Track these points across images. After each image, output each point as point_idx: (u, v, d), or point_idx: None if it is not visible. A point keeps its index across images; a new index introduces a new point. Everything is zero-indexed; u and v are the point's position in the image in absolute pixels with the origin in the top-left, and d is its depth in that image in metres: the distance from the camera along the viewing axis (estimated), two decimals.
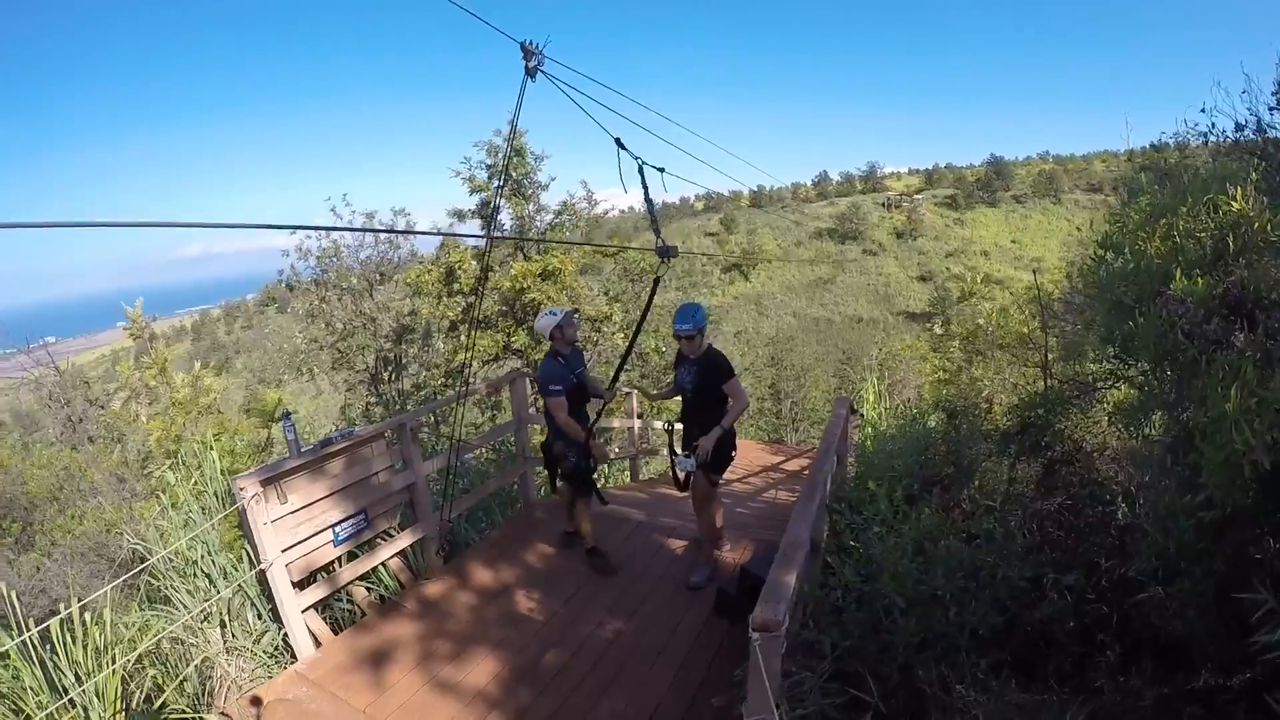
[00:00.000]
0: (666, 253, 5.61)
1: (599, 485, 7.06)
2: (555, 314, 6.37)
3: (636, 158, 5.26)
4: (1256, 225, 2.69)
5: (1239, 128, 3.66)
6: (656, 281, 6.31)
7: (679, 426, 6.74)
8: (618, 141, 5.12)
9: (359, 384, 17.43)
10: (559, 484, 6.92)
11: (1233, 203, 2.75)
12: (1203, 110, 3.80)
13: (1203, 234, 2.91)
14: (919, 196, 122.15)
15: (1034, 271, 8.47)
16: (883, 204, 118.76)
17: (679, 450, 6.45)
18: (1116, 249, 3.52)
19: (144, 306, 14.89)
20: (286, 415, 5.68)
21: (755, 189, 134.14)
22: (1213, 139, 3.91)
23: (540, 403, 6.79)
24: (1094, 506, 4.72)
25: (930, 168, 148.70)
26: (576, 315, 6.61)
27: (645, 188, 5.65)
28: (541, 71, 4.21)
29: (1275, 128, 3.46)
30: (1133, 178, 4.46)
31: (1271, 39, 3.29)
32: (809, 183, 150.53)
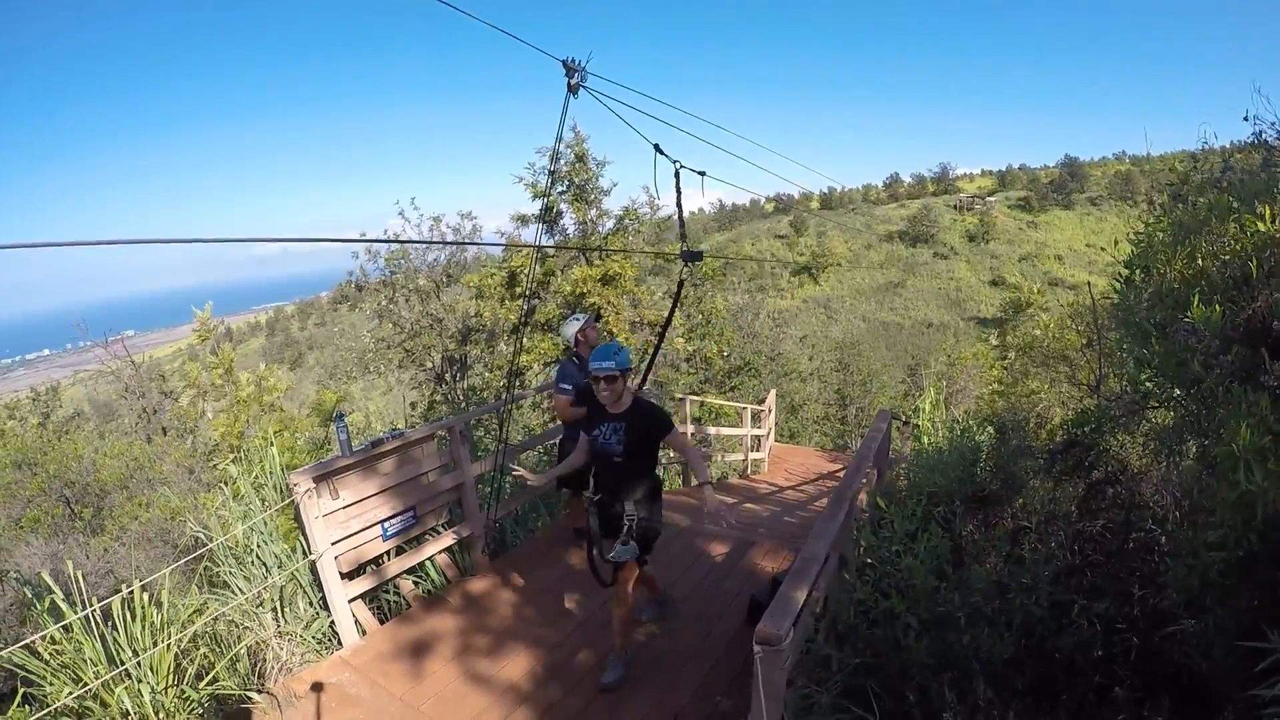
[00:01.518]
0: (691, 257, 5.65)
1: None
2: (578, 319, 6.67)
3: (675, 161, 5.31)
4: None
5: None
6: (681, 285, 6.36)
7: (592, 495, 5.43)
8: (656, 147, 5.17)
9: (426, 382, 17.73)
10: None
11: (1259, 223, 2.63)
12: (1245, 119, 3.68)
13: (1227, 256, 2.80)
14: (991, 198, 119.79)
15: (1087, 284, 8.28)
16: (954, 206, 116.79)
17: (605, 530, 5.09)
18: (1142, 271, 3.42)
19: (220, 302, 15.40)
20: (340, 416, 5.85)
21: (825, 191, 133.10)
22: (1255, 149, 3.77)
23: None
24: (1134, 531, 4.61)
25: (1003, 169, 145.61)
26: (599, 320, 6.68)
27: (679, 192, 5.70)
28: (584, 87, 4.29)
29: None
30: (1165, 190, 4.32)
31: None
32: (880, 184, 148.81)
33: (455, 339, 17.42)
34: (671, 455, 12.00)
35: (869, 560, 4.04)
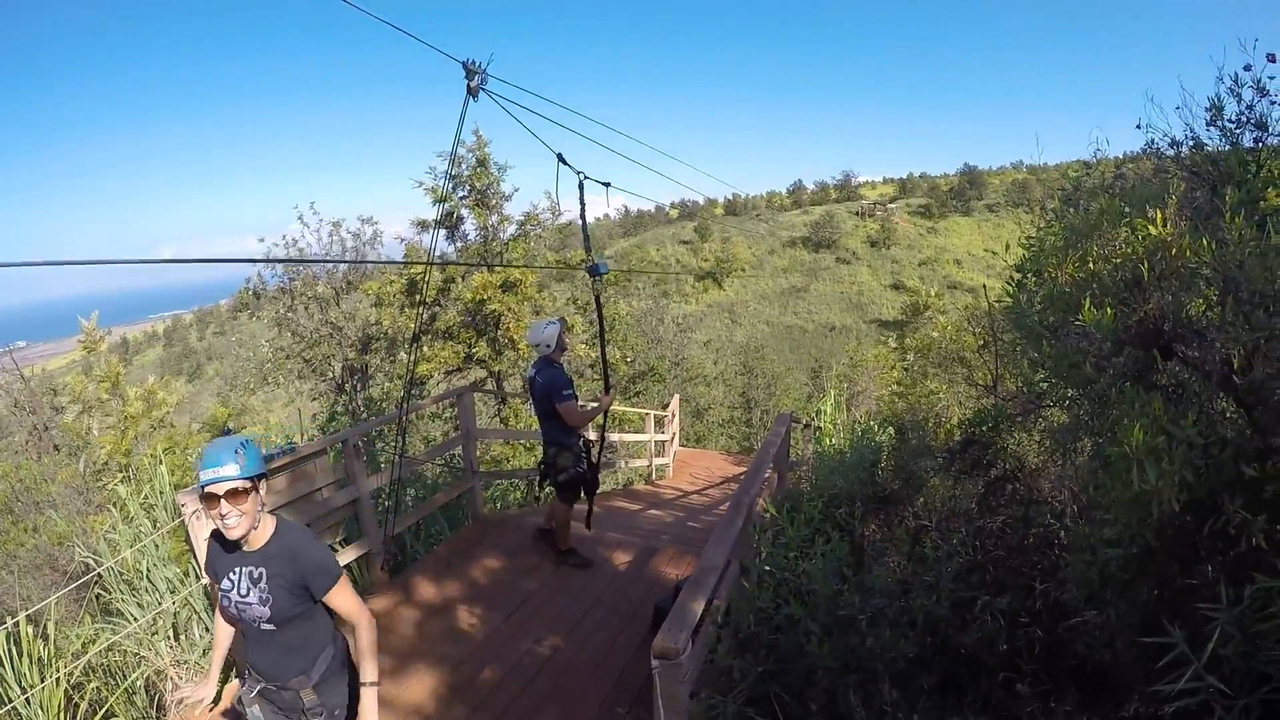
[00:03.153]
0: (595, 270, 5.62)
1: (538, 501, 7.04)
2: (555, 323, 6.44)
3: (579, 172, 5.27)
4: (1175, 251, 2.62)
5: (1175, 144, 3.63)
6: (598, 299, 6.34)
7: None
8: (559, 157, 5.12)
9: (326, 393, 17.40)
10: (546, 491, 7.10)
11: (1151, 227, 2.68)
12: (1137, 127, 3.77)
13: (1119, 260, 2.85)
14: (893, 205, 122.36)
15: (983, 287, 8.46)
16: (857, 212, 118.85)
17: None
18: (1034, 274, 3.48)
19: (117, 311, 14.90)
20: (227, 432, 5.61)
21: (730, 197, 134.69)
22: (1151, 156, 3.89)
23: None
24: (1033, 527, 4.69)
25: (904, 176, 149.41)
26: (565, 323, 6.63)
27: (582, 204, 5.68)
28: (484, 90, 4.18)
29: (1211, 144, 3.43)
30: (1058, 195, 4.43)
31: (1214, 49, 3.26)
32: (784, 191, 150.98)
33: (355, 348, 17.11)
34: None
35: (768, 567, 4.02)
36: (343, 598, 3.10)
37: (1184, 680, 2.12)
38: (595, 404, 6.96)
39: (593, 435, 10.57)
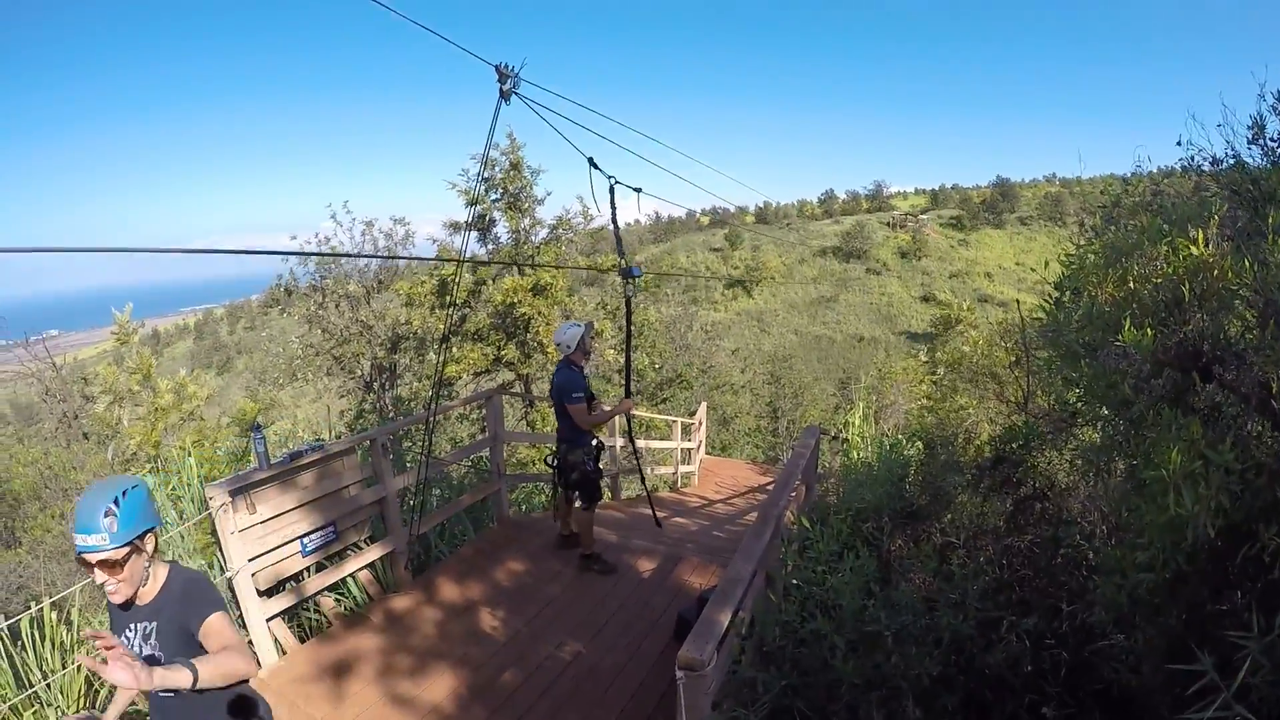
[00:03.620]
0: (629, 273, 5.62)
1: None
2: (579, 325, 6.53)
3: (610, 177, 5.28)
4: (1216, 273, 2.58)
5: (1216, 162, 3.58)
6: (629, 302, 6.34)
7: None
8: (590, 161, 5.14)
9: (354, 390, 17.50)
10: (561, 492, 7.07)
11: (1192, 247, 2.65)
12: (1178, 143, 3.73)
13: (1159, 280, 2.81)
14: (924, 216, 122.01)
15: (1016, 302, 8.38)
16: (888, 223, 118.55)
17: None
18: (1072, 292, 3.44)
19: (149, 303, 15.01)
20: (257, 428, 5.65)
21: (761, 205, 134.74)
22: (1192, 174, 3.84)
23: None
24: (1062, 547, 4.64)
25: (936, 188, 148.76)
26: (594, 327, 6.67)
27: (614, 208, 5.69)
28: (516, 94, 4.20)
29: (1252, 162, 3.38)
30: (1098, 212, 4.37)
31: (1256, 66, 3.22)
32: (815, 200, 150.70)
33: (385, 347, 17.19)
34: (602, 465, 11.95)
35: (794, 580, 4.00)
36: (220, 628, 2.65)
37: (1213, 709, 2.08)
38: (608, 408, 6.97)
39: (620, 441, 10.60)
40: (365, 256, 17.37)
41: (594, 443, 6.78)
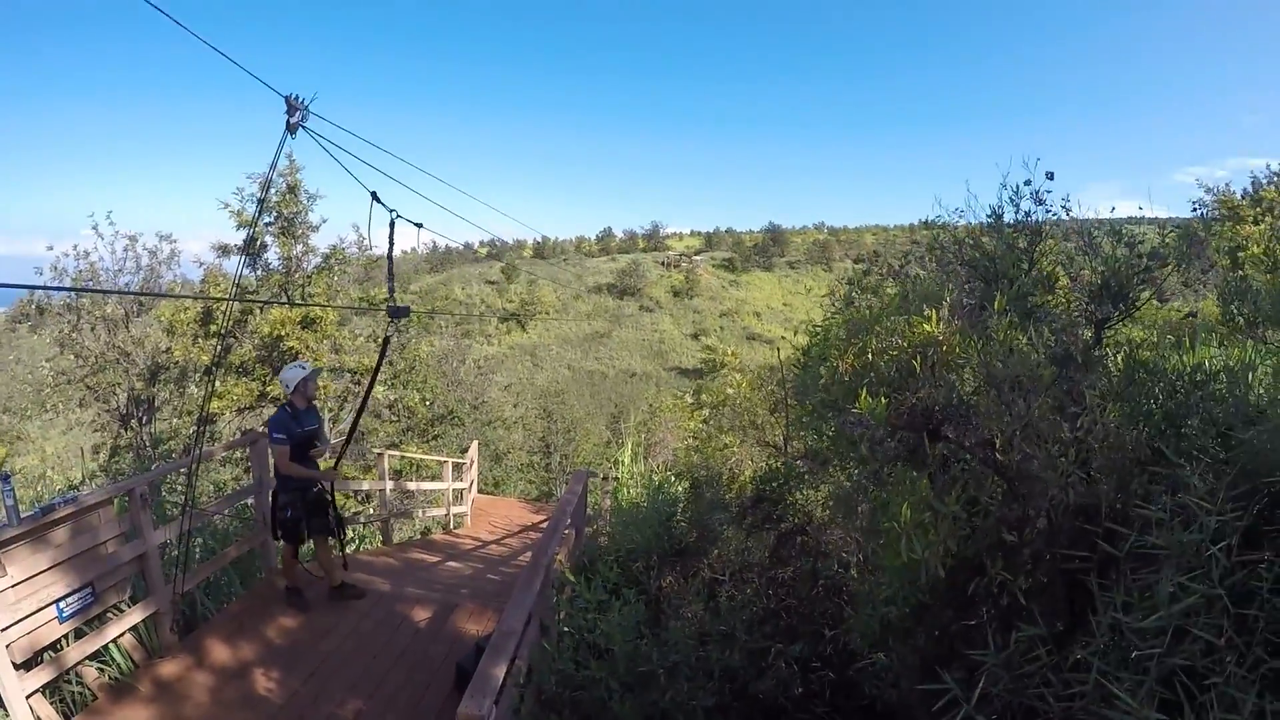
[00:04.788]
0: (398, 313, 5.62)
1: (346, 549, 6.89)
2: (304, 368, 6.56)
3: (391, 210, 5.27)
4: (945, 347, 2.94)
5: (958, 243, 4.02)
6: (386, 341, 6.35)
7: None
8: (374, 195, 5.11)
9: (109, 424, 16.30)
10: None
11: (925, 325, 3.00)
12: (925, 227, 4.16)
13: (895, 353, 3.16)
14: (698, 257, 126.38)
15: (777, 350, 8.88)
16: (663, 263, 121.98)
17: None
18: (816, 360, 3.77)
19: None
20: (5, 478, 5.12)
21: (539, 240, 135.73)
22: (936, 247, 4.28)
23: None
24: (820, 579, 4.97)
25: (711, 230, 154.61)
26: (320, 374, 6.56)
27: (391, 243, 5.68)
28: (304, 128, 4.13)
29: (989, 244, 3.82)
30: (847, 285, 4.79)
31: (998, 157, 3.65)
32: (593, 238, 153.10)
33: (143, 377, 16.11)
34: (372, 510, 11.71)
35: (566, 628, 4.10)
36: None
37: (959, 718, 2.35)
38: (329, 456, 6.97)
39: (390, 484, 10.42)
40: (128, 294, 16.18)
41: (310, 489, 6.79)
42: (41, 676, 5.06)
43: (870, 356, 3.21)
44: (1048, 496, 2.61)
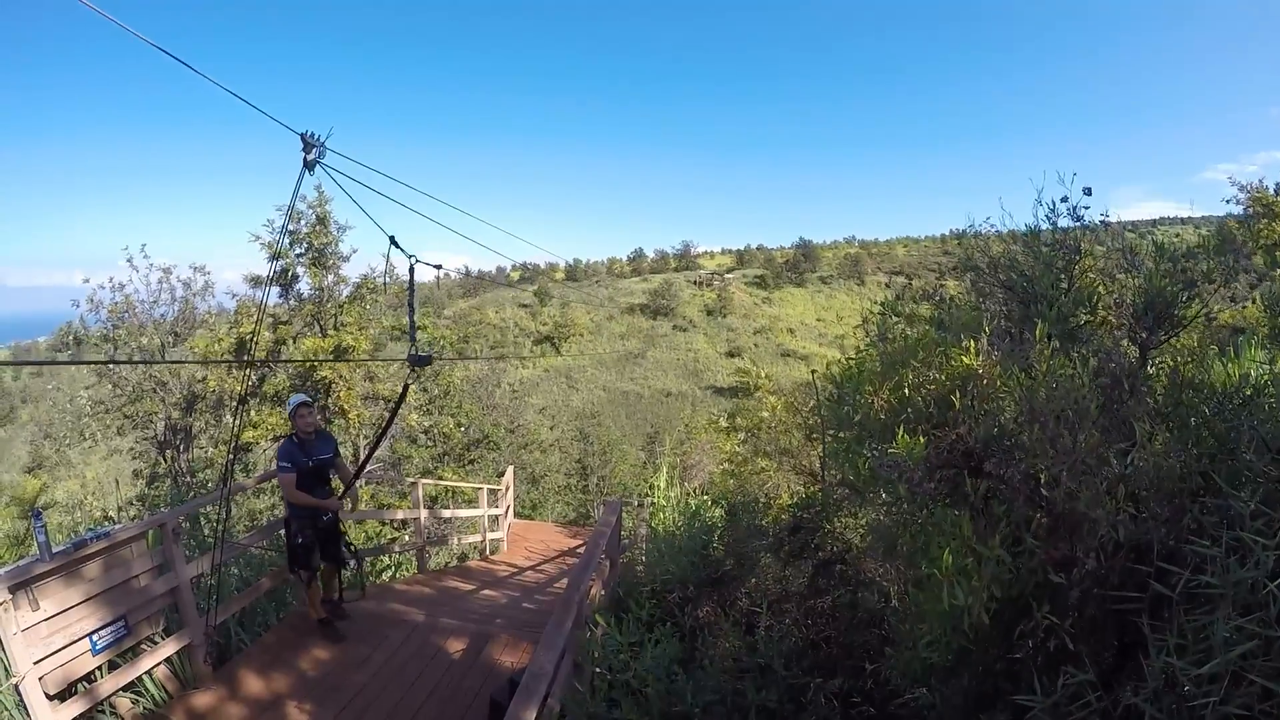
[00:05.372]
0: (419, 362, 5.57)
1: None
2: (291, 402, 6.78)
3: (410, 256, 5.22)
4: (985, 381, 2.81)
5: (992, 264, 3.91)
6: (405, 389, 6.34)
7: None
8: (392, 240, 5.06)
9: (148, 451, 16.47)
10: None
11: (964, 357, 2.87)
12: (958, 241, 4.06)
13: (933, 387, 3.04)
14: (730, 275, 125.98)
15: (813, 373, 8.76)
16: (695, 282, 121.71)
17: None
18: (849, 396, 3.65)
19: None
20: (37, 514, 5.15)
21: (571, 262, 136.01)
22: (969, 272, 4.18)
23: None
24: (860, 611, 4.85)
25: (742, 248, 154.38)
26: (310, 407, 6.75)
27: (411, 289, 5.63)
28: (321, 165, 4.10)
29: (1024, 264, 3.70)
30: (880, 314, 4.64)
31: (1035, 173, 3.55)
32: (624, 258, 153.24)
33: (179, 406, 16.26)
34: (407, 538, 11.68)
35: (598, 669, 4.02)
36: None
37: None
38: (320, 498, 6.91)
39: (424, 513, 10.38)
40: (145, 363, 16.29)
41: (322, 517, 6.84)
42: (75, 708, 5.07)
43: (906, 391, 3.09)
44: (1096, 535, 2.49)
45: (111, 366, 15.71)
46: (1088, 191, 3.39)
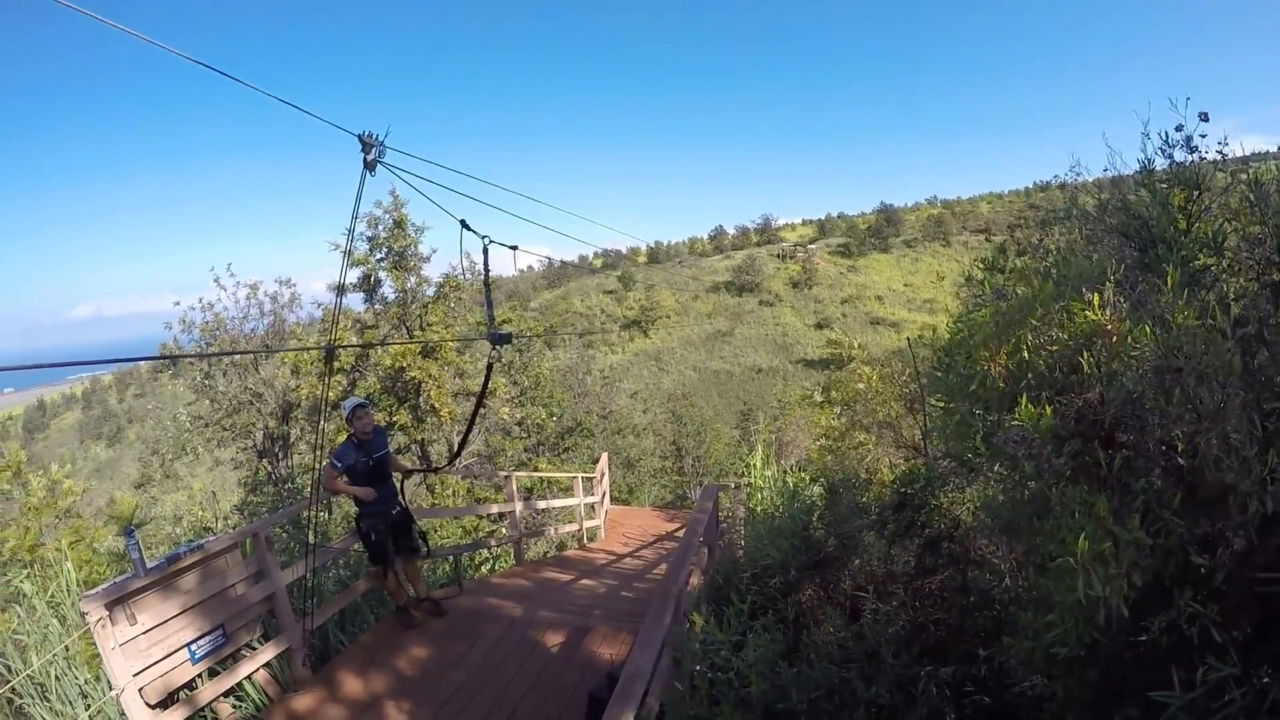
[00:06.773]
0: (498, 340, 5.50)
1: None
2: (346, 407, 6.90)
3: (483, 237, 5.13)
4: (1115, 339, 2.49)
5: (1102, 207, 3.56)
6: (490, 368, 6.29)
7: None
8: (463, 223, 4.98)
9: (249, 461, 16.93)
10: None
11: (1088, 312, 2.55)
12: (1060, 188, 3.73)
13: (1056, 349, 2.72)
14: (813, 246, 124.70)
15: (908, 341, 8.43)
16: (777, 255, 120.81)
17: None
18: (960, 361, 3.33)
19: (33, 373, 14.27)
20: (130, 531, 5.20)
21: (652, 245, 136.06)
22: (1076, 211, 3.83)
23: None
24: (971, 595, 4.59)
25: (823, 217, 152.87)
26: (366, 408, 6.90)
27: (486, 270, 5.54)
28: (381, 164, 4.00)
29: (1136, 204, 3.34)
30: (985, 271, 4.27)
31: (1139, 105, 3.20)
32: (705, 237, 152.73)
33: (275, 416, 16.60)
34: (504, 532, 11.66)
35: (698, 667, 3.83)
36: None
37: None
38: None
39: (519, 506, 10.33)
40: (253, 352, 16.73)
41: (391, 511, 6.97)
42: (177, 716, 5.16)
43: (1025, 355, 2.78)
44: (1246, 509, 2.17)
45: (207, 384, 16.16)
46: (1204, 117, 2.99)
